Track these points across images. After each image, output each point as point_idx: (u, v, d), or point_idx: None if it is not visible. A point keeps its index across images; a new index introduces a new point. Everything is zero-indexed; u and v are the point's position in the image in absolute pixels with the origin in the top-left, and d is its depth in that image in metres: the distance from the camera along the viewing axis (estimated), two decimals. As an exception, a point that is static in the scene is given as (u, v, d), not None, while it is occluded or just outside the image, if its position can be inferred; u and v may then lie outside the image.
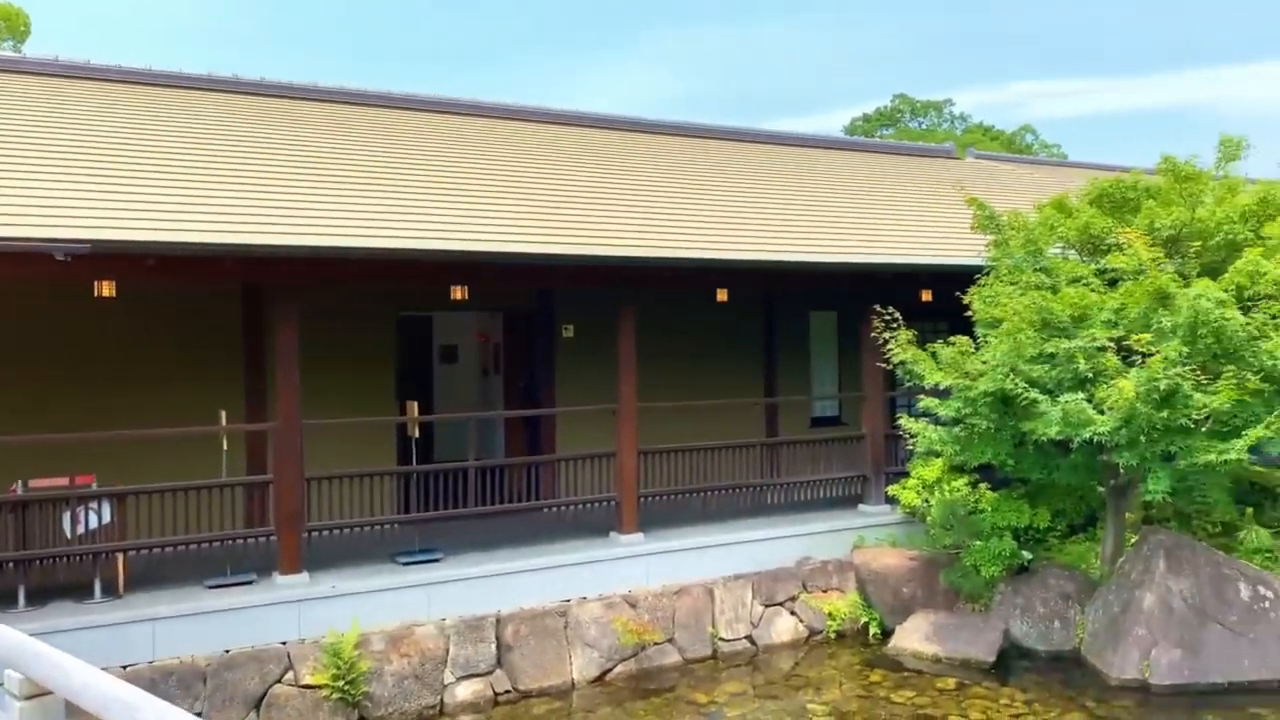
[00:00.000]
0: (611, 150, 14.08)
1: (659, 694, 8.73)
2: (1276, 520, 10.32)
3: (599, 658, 9.02)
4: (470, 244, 8.79)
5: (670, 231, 10.50)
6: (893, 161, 17.85)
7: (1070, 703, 8.40)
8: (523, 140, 13.54)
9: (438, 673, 8.38)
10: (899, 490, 10.99)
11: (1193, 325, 8.37)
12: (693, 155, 14.88)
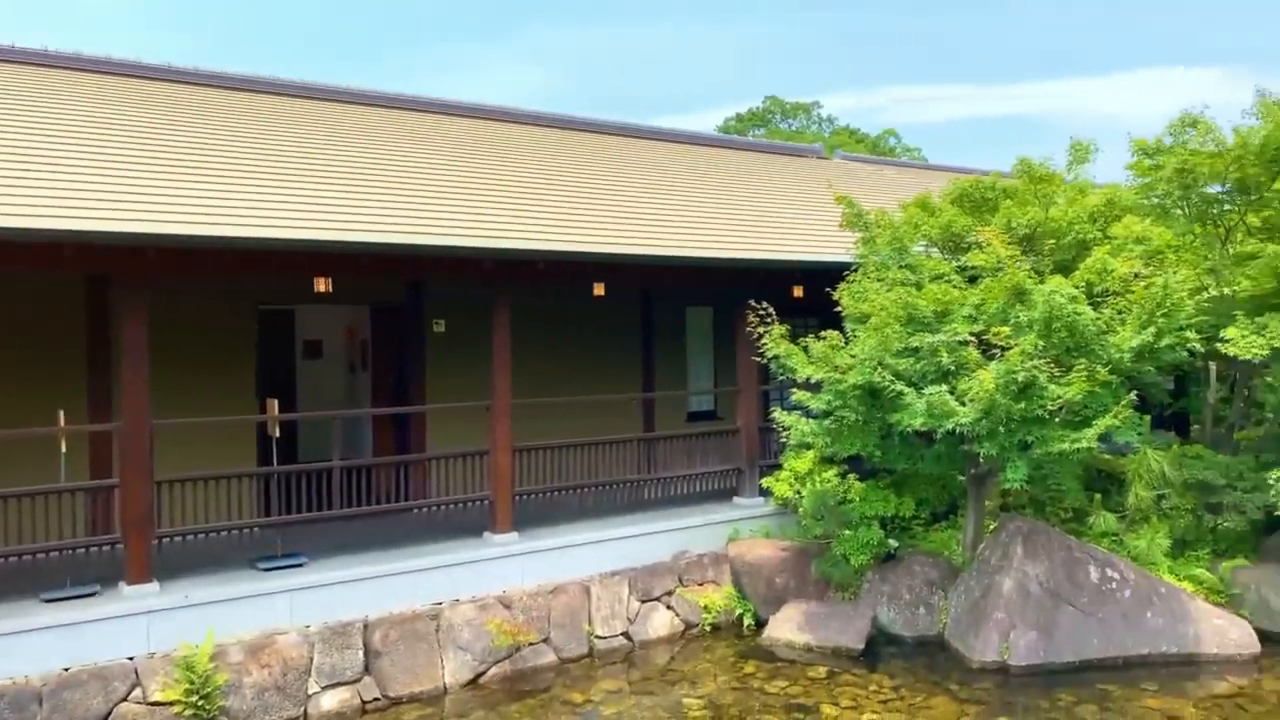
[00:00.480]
0: (487, 141, 13.79)
1: (534, 695, 8.57)
2: (1122, 505, 10.91)
3: (472, 661, 8.79)
4: (331, 234, 8.38)
5: (545, 224, 10.33)
6: (765, 160, 18.15)
7: (935, 687, 8.65)
8: (396, 129, 13.12)
9: (301, 683, 7.99)
10: (772, 482, 11.14)
11: (1047, 320, 8.75)
12: (570, 148, 14.74)
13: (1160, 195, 11.40)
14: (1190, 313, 9.29)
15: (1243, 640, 9.39)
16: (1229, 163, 10.45)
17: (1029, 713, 8.07)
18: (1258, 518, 10.83)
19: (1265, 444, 11.82)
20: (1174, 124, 10.89)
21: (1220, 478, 10.96)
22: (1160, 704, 8.24)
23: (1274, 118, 10.22)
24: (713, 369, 14.47)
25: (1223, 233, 11.43)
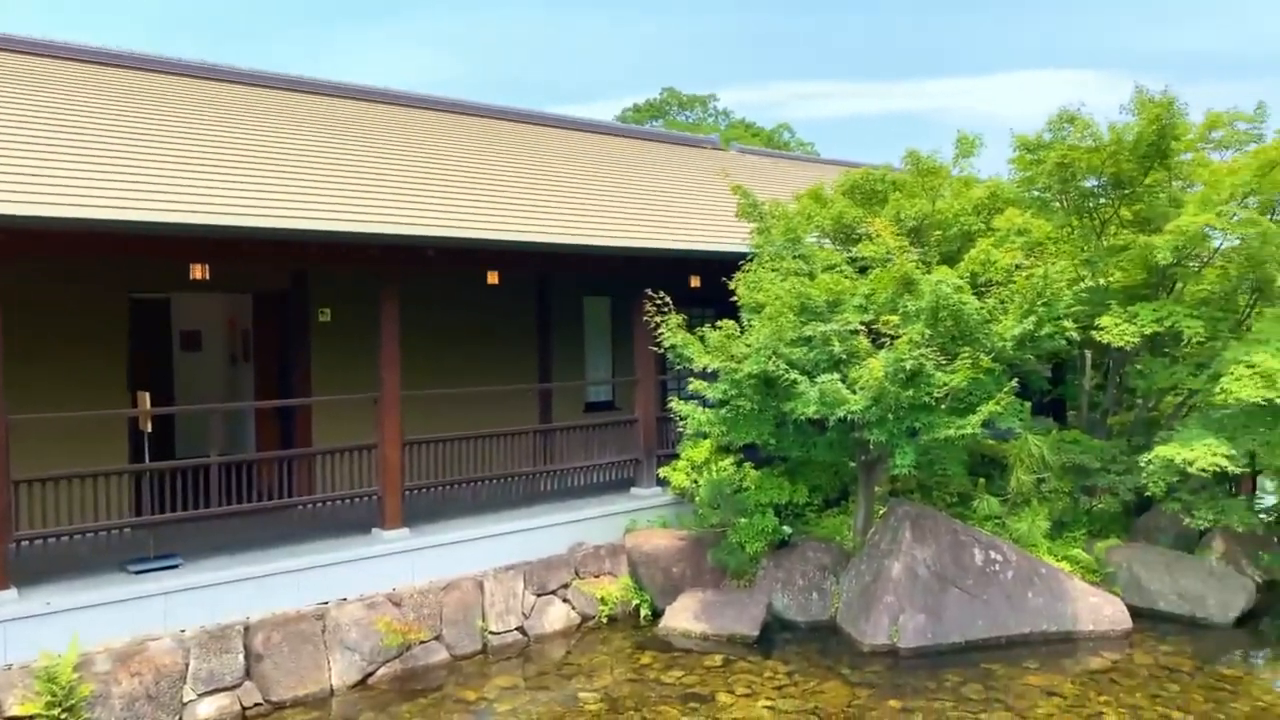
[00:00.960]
0: (379, 124, 13.37)
1: (426, 694, 8.34)
2: (1004, 489, 11.27)
3: (361, 661, 8.50)
4: (204, 217, 7.91)
5: (437, 210, 10.03)
6: (663, 150, 18.13)
7: (828, 671, 8.77)
8: (280, 109, 12.58)
9: (175, 690, 7.59)
10: (670, 472, 11.12)
11: (934, 309, 8.93)
12: (465, 134, 14.42)
13: (1041, 189, 11.79)
14: (1068, 302, 9.63)
15: (1116, 617, 9.80)
16: (1105, 158, 10.86)
17: (917, 694, 8.23)
18: (1129, 499, 11.35)
19: (1136, 428, 12.39)
20: (1054, 120, 11.27)
21: (1095, 461, 11.44)
22: (1040, 681, 8.52)
23: (1148, 114, 10.67)
24: (610, 359, 14.39)
25: (1098, 225, 11.90)
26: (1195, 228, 10.22)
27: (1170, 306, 10.81)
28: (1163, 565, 10.68)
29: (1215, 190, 10.42)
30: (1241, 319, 11.70)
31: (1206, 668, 8.86)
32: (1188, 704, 8.00)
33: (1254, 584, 10.75)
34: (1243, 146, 11.57)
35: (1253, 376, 9.41)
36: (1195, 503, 10.56)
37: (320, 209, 8.98)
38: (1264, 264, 10.76)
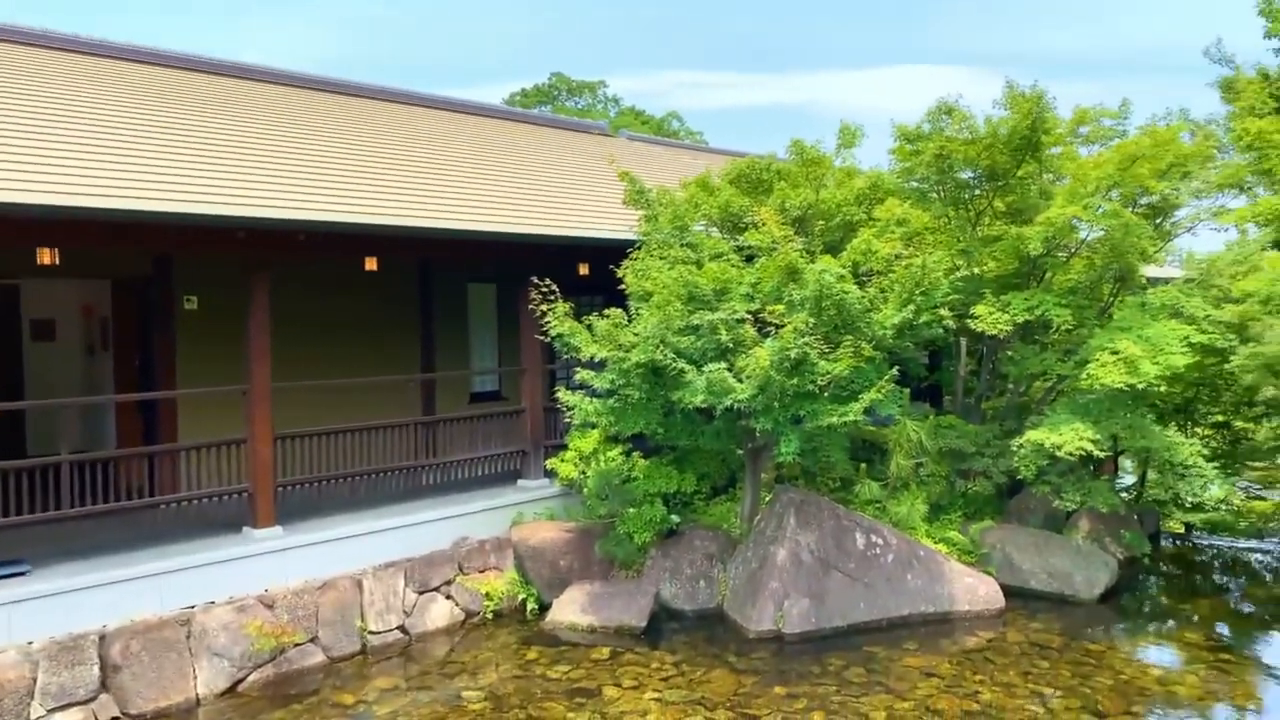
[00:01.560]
0: (254, 103, 12.73)
1: (300, 699, 7.98)
2: (884, 473, 11.51)
3: (230, 667, 8.07)
4: (49, 197, 7.30)
5: (311, 192, 9.57)
6: (551, 135, 17.88)
7: (715, 660, 8.77)
8: (147, 85, 11.82)
9: (22, 707, 7.04)
10: (557, 463, 10.96)
11: (818, 298, 9.00)
12: (344, 114, 13.88)
13: (919, 180, 12.04)
14: (945, 291, 9.85)
15: (990, 596, 10.13)
16: (980, 150, 11.16)
17: (802, 679, 8.31)
18: (1002, 481, 11.75)
19: (1008, 413, 12.83)
20: (932, 111, 11.51)
21: (970, 445, 11.79)
22: (919, 662, 8.71)
23: (1020, 108, 10.99)
24: (497, 348, 14.09)
25: (973, 216, 12.23)
26: (1063, 219, 10.60)
27: (1040, 295, 11.20)
28: (1033, 545, 11.09)
29: (1082, 183, 10.83)
30: (1105, 307, 12.24)
31: (1074, 643, 9.22)
32: (1056, 679, 8.30)
33: (1116, 561, 11.29)
34: (1107, 141, 12.07)
35: (1116, 363, 9.83)
36: (1063, 485, 11.00)
37: (182, 190, 8.43)
38: (1126, 254, 11.25)
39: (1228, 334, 11.49)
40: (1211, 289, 12.59)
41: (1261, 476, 18.66)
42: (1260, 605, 11.01)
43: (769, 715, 7.58)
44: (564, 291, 9.97)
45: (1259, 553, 13.49)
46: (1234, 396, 15.06)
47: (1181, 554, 13.39)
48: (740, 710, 7.68)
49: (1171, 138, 10.94)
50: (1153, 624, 10.34)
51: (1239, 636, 9.83)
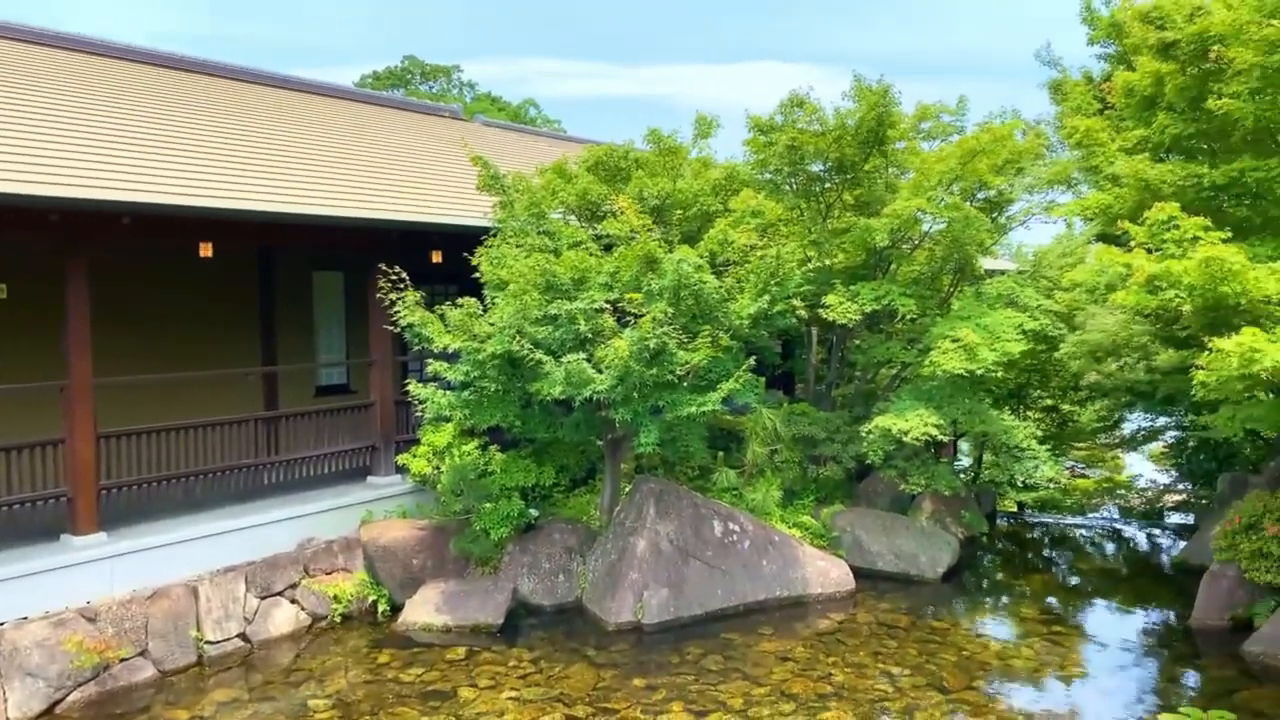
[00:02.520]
0: (82, 77, 11.72)
1: (127, 717, 7.40)
2: (741, 461, 11.67)
3: (46, 688, 7.41)
4: None
5: (139, 172, 8.84)
6: (402, 118, 17.28)
7: (574, 654, 8.65)
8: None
9: None
10: (409, 459, 10.57)
11: (676, 288, 8.98)
12: (185, 92, 12.99)
13: (773, 171, 12.23)
14: (798, 282, 10.02)
15: (841, 579, 10.40)
16: (830, 142, 11.40)
17: (661, 670, 8.30)
18: (852, 466, 12.10)
19: (856, 400, 13.23)
20: (784, 103, 11.69)
21: (822, 432, 12.09)
22: (775, 646, 8.84)
23: (867, 101, 11.29)
24: (345, 339, 13.51)
25: (824, 208, 12.52)
26: (908, 212, 10.96)
27: (887, 286, 11.56)
28: (881, 528, 11.46)
29: (926, 177, 11.22)
30: (946, 297, 12.76)
31: (920, 622, 9.57)
32: (904, 658, 8.58)
33: (957, 540, 11.80)
34: (947, 137, 12.57)
35: (957, 350, 10.24)
36: (909, 469, 11.42)
37: (-16, 166, 7.64)
38: (966, 246, 11.74)
39: (1057, 322, 12.17)
40: (1042, 280, 13.33)
41: (1085, 456, 20.00)
42: (1085, 578, 11.74)
43: (628, 708, 7.52)
44: (415, 280, 9.60)
45: (1083, 528, 14.41)
46: (1061, 382, 16.06)
47: (1015, 531, 14.15)
48: (599, 705, 7.59)
49: (1008, 134, 11.47)
50: (991, 600, 10.85)
51: (1067, 608, 10.43)
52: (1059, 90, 14.90)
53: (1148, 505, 16.05)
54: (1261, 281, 6.82)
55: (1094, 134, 9.90)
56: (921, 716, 7.40)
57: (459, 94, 43.67)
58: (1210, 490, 14.10)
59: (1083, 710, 7.64)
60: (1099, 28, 12.96)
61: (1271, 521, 8.97)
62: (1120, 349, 13.86)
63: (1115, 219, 9.29)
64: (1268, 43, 7.62)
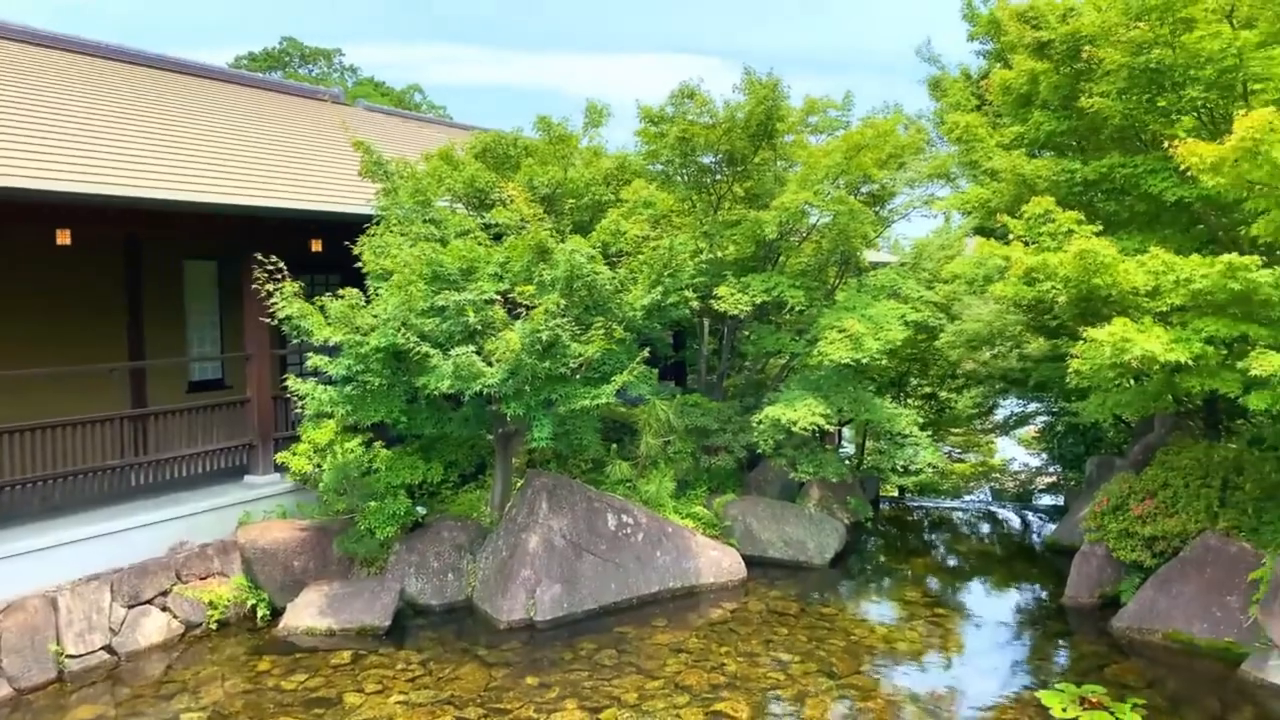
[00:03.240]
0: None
1: (-22, 743, 6.87)
2: (634, 453, 11.63)
3: (-118, 715, 6.81)
4: None
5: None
6: (279, 101, 16.57)
7: (465, 654, 8.45)
8: None
9: None
10: (289, 457, 10.12)
11: (569, 279, 8.84)
12: (42, 69, 12.10)
13: (664, 163, 12.20)
14: (691, 273, 10.02)
15: (733, 568, 10.48)
16: (720, 135, 11.43)
17: (554, 667, 8.18)
18: (743, 455, 12.21)
19: (747, 390, 13.36)
20: (675, 94, 11.66)
21: (714, 422, 12.15)
22: (669, 638, 8.83)
23: (756, 94, 11.35)
24: (219, 332, 12.87)
25: (715, 200, 12.57)
26: (796, 204, 11.09)
27: (776, 277, 11.69)
28: (771, 516, 11.61)
29: (813, 170, 11.37)
30: (832, 289, 12.99)
31: (809, 608, 9.71)
32: (795, 645, 8.69)
33: (844, 526, 12.05)
34: (833, 132, 12.77)
35: (843, 340, 10.42)
36: (798, 457, 11.57)
37: None
38: (851, 238, 11.97)
39: (937, 313, 12.53)
40: (923, 271, 13.71)
41: (961, 441, 20.78)
42: (963, 559, 12.16)
43: (521, 708, 7.38)
44: (294, 269, 9.19)
45: (960, 510, 14.94)
46: (940, 370, 16.62)
47: (898, 515, 14.57)
48: (491, 706, 7.42)
49: (891, 129, 11.72)
50: (876, 584, 11.10)
51: (947, 590, 10.76)
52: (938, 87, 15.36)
53: (1020, 488, 16.80)
54: (1130, 274, 7.12)
55: (973, 130, 10.20)
56: (812, 703, 7.49)
57: (340, 78, 42.32)
58: (1079, 473, 14.81)
59: (963, 688, 7.87)
60: (978, 25, 13.37)
61: (1136, 502, 9.44)
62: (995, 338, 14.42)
63: (993, 213, 9.59)
64: (1134, 44, 7.96)
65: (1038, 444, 18.69)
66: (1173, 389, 7.98)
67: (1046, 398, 16.03)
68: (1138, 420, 12.31)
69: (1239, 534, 8.59)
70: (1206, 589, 8.48)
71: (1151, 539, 9.22)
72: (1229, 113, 7.68)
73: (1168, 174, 8.21)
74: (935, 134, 14.60)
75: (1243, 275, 6.55)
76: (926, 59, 15.97)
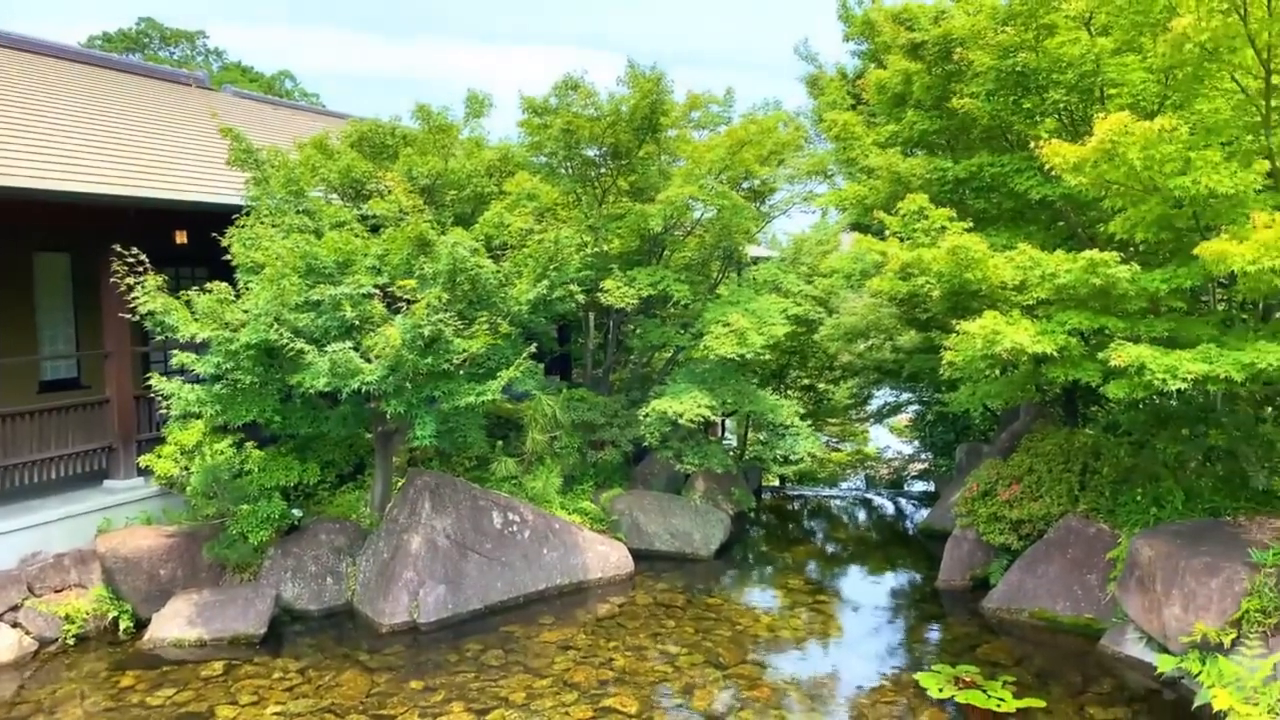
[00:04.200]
0: None
1: None
2: (520, 449, 11.49)
3: None
4: None
5: None
6: (141, 85, 15.67)
7: (345, 660, 8.18)
8: None
9: None
10: (154, 460, 9.59)
11: (452, 272, 8.63)
12: None
13: (549, 154, 12.07)
14: (577, 267, 9.93)
15: (621, 562, 10.47)
16: (605, 127, 11.38)
17: (439, 670, 7.99)
18: (630, 449, 12.23)
19: (633, 384, 13.38)
20: (559, 86, 11.54)
21: (600, 417, 12.12)
22: (556, 636, 8.76)
23: (641, 88, 11.34)
24: (74, 329, 12.07)
25: (600, 193, 12.51)
26: (681, 199, 11.14)
27: (662, 271, 11.73)
28: (657, 509, 11.66)
29: (697, 165, 11.44)
30: (715, 283, 13.13)
31: (696, 600, 9.80)
32: (682, 637, 8.74)
33: (728, 517, 12.21)
34: (715, 127, 12.88)
35: (728, 334, 10.53)
36: (684, 449, 11.66)
37: None
38: (734, 233, 12.11)
39: (817, 307, 12.82)
40: (801, 266, 14.02)
41: (838, 431, 21.36)
42: (842, 545, 12.48)
43: (405, 713, 7.18)
44: (157, 262, 8.71)
45: (838, 498, 15.36)
46: (818, 362, 17.02)
47: (779, 505, 14.86)
48: (374, 713, 7.19)
49: (773, 126, 11.90)
50: (761, 573, 11.29)
51: (827, 576, 11.03)
52: (816, 85, 15.67)
53: (894, 475, 17.35)
54: (1000, 269, 7.41)
55: (850, 128, 10.44)
56: (700, 694, 7.55)
57: (205, 62, 40.45)
58: (949, 460, 15.41)
59: (844, 673, 8.07)
60: (853, 26, 13.70)
61: (1003, 487, 9.87)
62: (870, 331, 14.88)
63: (870, 209, 9.84)
64: (1002, 48, 8.29)
65: (910, 432, 19.38)
66: (1038, 379, 8.35)
67: (918, 388, 16.61)
68: (1004, 409, 12.87)
69: (1098, 516, 9.08)
70: (1069, 569, 8.94)
71: (1018, 522, 9.65)
72: (1088, 115, 8.07)
73: (1033, 173, 8.58)
74: (814, 131, 14.91)
75: (1103, 271, 6.89)
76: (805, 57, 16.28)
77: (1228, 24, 6.31)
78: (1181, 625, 7.29)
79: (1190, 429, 8.73)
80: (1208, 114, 7.21)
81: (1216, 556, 7.29)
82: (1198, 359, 6.39)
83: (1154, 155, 6.42)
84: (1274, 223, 5.91)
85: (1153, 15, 7.05)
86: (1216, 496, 8.54)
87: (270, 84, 40.26)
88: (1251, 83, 6.74)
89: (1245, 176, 6.39)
